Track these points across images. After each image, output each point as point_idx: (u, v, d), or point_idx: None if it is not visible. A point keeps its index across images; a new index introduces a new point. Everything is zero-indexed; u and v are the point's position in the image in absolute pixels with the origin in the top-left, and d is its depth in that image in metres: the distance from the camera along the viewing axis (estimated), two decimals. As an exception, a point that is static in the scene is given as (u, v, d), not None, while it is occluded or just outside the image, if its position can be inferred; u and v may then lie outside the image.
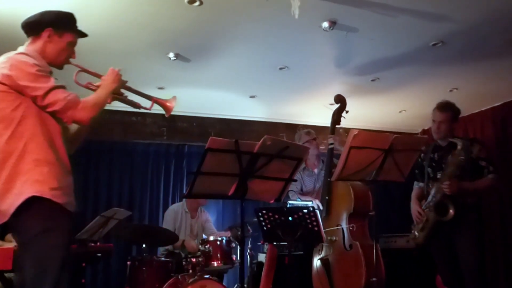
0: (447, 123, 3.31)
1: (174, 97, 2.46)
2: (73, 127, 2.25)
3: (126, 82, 2.31)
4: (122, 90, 2.33)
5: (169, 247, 4.24)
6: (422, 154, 3.38)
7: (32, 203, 1.88)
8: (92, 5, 3.16)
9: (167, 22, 3.41)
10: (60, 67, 2.20)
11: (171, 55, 3.95)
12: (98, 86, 2.20)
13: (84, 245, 3.70)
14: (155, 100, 2.41)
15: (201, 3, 3.11)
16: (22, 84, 1.94)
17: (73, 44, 2.21)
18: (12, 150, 1.93)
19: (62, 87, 2.01)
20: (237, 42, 3.78)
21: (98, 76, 2.25)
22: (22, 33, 2.19)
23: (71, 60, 2.22)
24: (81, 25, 2.26)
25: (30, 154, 1.94)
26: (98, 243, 3.98)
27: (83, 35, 2.27)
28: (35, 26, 2.14)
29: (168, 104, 2.41)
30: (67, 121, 2.03)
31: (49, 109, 1.97)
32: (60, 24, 2.16)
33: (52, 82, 1.98)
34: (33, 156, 1.94)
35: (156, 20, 3.39)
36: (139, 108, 2.42)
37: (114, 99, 2.28)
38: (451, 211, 3.10)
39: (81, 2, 3.11)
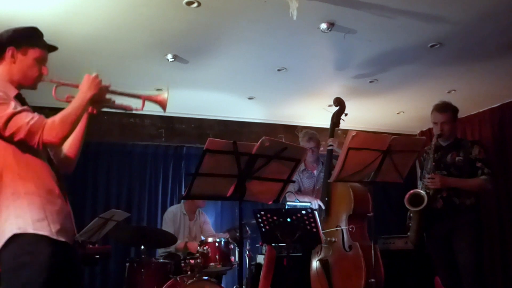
0: (449, 123, 3.33)
1: (166, 88, 2.28)
2: (61, 152, 2.10)
3: (108, 86, 2.08)
4: (108, 96, 2.12)
5: (171, 249, 4.22)
6: (425, 154, 3.40)
7: (14, 238, 1.76)
8: (89, 7, 3.15)
9: (165, 23, 3.41)
10: (33, 87, 2.02)
11: (169, 56, 3.94)
12: None
13: (82, 247, 3.69)
14: (146, 98, 2.20)
15: (199, 4, 3.11)
16: None
17: (41, 60, 2.01)
18: None
19: (24, 110, 1.82)
20: (235, 44, 3.78)
21: (76, 86, 2.03)
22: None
23: (45, 77, 2.03)
24: (78, 28, 2.19)
25: (7, 189, 1.81)
26: (96, 245, 3.97)
27: (53, 48, 2.09)
28: None
29: (160, 98, 2.21)
30: (36, 146, 1.82)
31: (15, 139, 1.79)
32: (22, 40, 1.97)
33: (11, 109, 1.78)
34: (10, 190, 1.80)
35: (154, 22, 3.39)
36: (131, 111, 2.21)
37: (100, 107, 2.10)
38: (425, 201, 3.14)
39: (78, 5, 3.11)
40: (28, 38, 1.99)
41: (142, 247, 3.73)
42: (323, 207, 3.70)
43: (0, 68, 1.96)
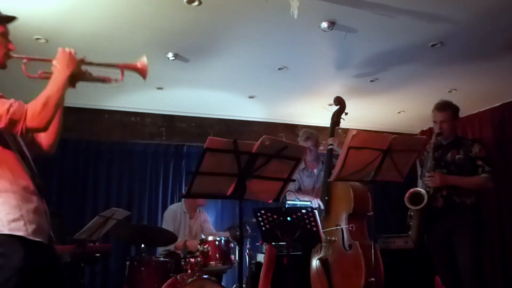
0: (448, 122, 3.33)
1: (143, 56, 2.08)
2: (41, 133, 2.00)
3: (83, 59, 1.91)
4: (84, 68, 1.96)
5: (170, 247, 4.23)
6: (425, 153, 3.40)
7: None
8: (90, 6, 3.15)
9: (165, 22, 3.41)
10: (2, 66, 1.88)
11: (170, 55, 3.94)
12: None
13: (82, 245, 3.70)
14: (124, 66, 2.02)
15: (200, 3, 3.10)
16: None
17: (4, 34, 1.87)
18: None
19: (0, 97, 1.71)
20: (236, 42, 3.78)
21: (49, 61, 1.88)
22: (20, 33, 2.09)
23: (12, 53, 1.89)
24: (79, 27, 2.12)
25: None
26: (97, 243, 3.98)
27: (11, 19, 1.92)
28: None
29: (139, 65, 2.04)
30: (20, 134, 1.73)
31: None
32: None
33: None
34: None
35: (155, 20, 3.38)
36: (110, 82, 2.02)
37: (76, 82, 1.93)
38: (425, 200, 3.14)
39: (78, 3, 3.11)
40: None
41: (143, 245, 3.74)
42: (322, 207, 3.70)
43: None
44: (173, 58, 3.98)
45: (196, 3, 3.10)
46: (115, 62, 2.01)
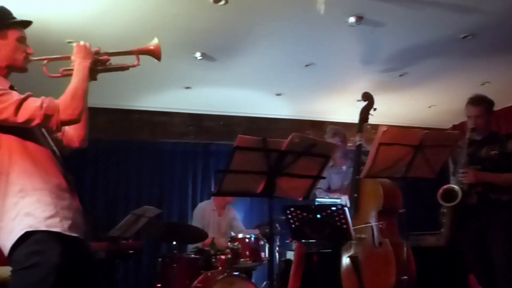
0: (483, 117, 3.24)
1: (154, 38, 2.13)
2: (70, 129, 2.05)
3: (99, 50, 1.98)
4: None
5: (199, 244, 4.28)
6: (458, 149, 3.32)
7: (26, 237, 1.71)
8: (119, 8, 3.23)
9: (192, 22, 3.44)
10: (23, 69, 1.93)
11: (198, 54, 3.99)
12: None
13: (116, 243, 3.78)
14: (138, 51, 2.07)
15: (226, 2, 3.12)
16: None
17: (23, 39, 1.91)
18: None
19: (30, 96, 1.76)
20: (263, 40, 3.78)
21: (68, 58, 1.94)
22: (53, 37, 2.13)
23: (31, 57, 1.93)
24: (107, 29, 2.15)
25: (14, 186, 1.75)
26: (130, 240, 4.06)
27: (27, 23, 1.94)
28: None
29: (151, 47, 2.09)
30: (55, 129, 1.79)
31: (31, 125, 1.74)
32: None
33: (16, 96, 1.74)
34: (18, 187, 1.75)
35: (182, 21, 3.43)
36: (127, 69, 2.07)
37: (97, 73, 1.99)
38: (458, 197, 3.07)
39: (106, 6, 3.18)
40: (2, 20, 1.87)
41: (174, 242, 3.79)
42: (348, 205, 3.66)
43: None
44: (201, 57, 4.02)
45: (222, 2, 3.12)
46: (129, 49, 2.06)
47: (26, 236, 1.70)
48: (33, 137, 1.83)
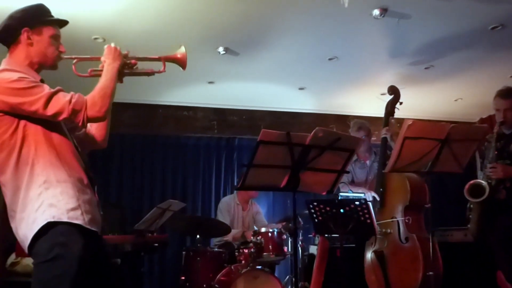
0: None
1: (180, 46, 2.17)
2: (92, 127, 2.09)
3: (127, 53, 2.03)
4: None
5: (228, 237, 4.30)
6: (486, 143, 3.25)
7: (48, 228, 1.71)
8: (143, 5, 3.26)
9: (216, 16, 3.46)
10: (54, 67, 1.97)
11: (221, 49, 4.00)
12: (102, 69, 1.95)
13: (142, 236, 3.84)
14: (165, 58, 2.12)
15: (249, -4, 3.12)
16: (15, 102, 1.73)
17: (57, 37, 1.94)
18: (21, 178, 1.77)
19: (60, 90, 1.79)
20: (286, 34, 3.77)
21: (97, 59, 1.99)
22: (80, 34, 2.13)
23: (63, 54, 1.97)
24: (132, 26, 2.17)
25: (38, 177, 1.76)
26: (155, 234, 4.13)
27: (64, 23, 2.00)
28: (8, 32, 1.87)
29: (178, 55, 2.14)
30: (81, 124, 1.82)
31: (59, 118, 1.78)
32: (34, 19, 1.89)
33: (47, 89, 1.77)
34: (42, 178, 1.76)
35: (205, 16, 3.44)
36: (153, 74, 2.11)
37: (124, 75, 2.03)
38: (486, 192, 3.01)
39: (131, 3, 3.22)
40: (39, 16, 1.91)
41: (198, 236, 3.84)
42: (377, 198, 3.63)
43: (17, 55, 1.88)
44: (224, 52, 4.03)
45: (245, -4, 3.12)
46: (157, 56, 2.11)
47: (49, 227, 1.72)
48: (58, 131, 1.86)
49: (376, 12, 3.32)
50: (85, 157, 1.99)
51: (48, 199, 1.74)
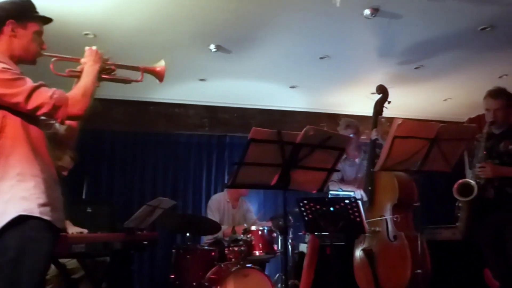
0: (502, 110, 3.19)
1: (162, 61, 2.19)
2: (61, 127, 2.07)
3: (108, 59, 2.06)
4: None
5: (218, 234, 4.30)
6: (475, 142, 3.28)
7: (17, 222, 1.70)
8: (133, 1, 3.24)
9: (208, 14, 3.45)
10: (33, 62, 1.97)
11: (212, 47, 3.99)
12: (81, 71, 1.98)
13: (132, 233, 3.82)
14: (144, 69, 2.16)
15: (242, -6, 3.12)
16: None
17: (40, 33, 1.95)
18: None
19: (43, 85, 1.80)
20: (278, 32, 3.77)
21: (77, 60, 2.02)
22: (70, 29, 2.13)
23: (43, 52, 1.98)
24: (124, 22, 2.18)
25: (12, 169, 1.74)
26: (144, 231, 4.11)
27: (48, 20, 2.00)
28: None
29: (157, 69, 2.17)
30: (60, 120, 1.83)
31: (38, 113, 1.78)
32: (21, 13, 1.90)
33: (30, 83, 1.77)
34: (16, 170, 1.74)
35: (197, 13, 3.43)
36: (130, 83, 2.17)
37: (101, 80, 2.04)
38: (475, 191, 3.04)
39: (124, -2, 3.20)
40: (26, 11, 1.92)
41: (188, 234, 3.83)
42: (364, 198, 3.65)
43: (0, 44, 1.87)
44: (215, 50, 4.03)
45: (238, -6, 3.12)
46: (136, 65, 2.15)
47: (19, 220, 1.70)
48: (36, 125, 1.86)
49: (367, 12, 3.34)
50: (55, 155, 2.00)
51: (21, 192, 1.73)
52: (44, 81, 1.82)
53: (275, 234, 3.90)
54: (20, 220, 1.70)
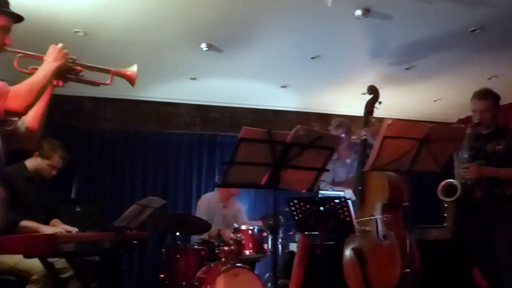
0: (489, 111, 3.21)
1: (134, 65, 2.14)
2: (22, 125, 1.98)
3: (76, 59, 2.00)
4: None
5: (204, 236, 4.30)
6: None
7: None
8: (126, -1, 3.22)
9: (199, 12, 3.44)
10: None
11: (204, 45, 3.98)
12: None
13: (121, 233, 3.80)
14: (114, 72, 2.09)
15: (233, -7, 3.11)
16: None
17: (6, 28, 1.88)
18: None
19: None
20: (270, 32, 3.77)
21: (41, 58, 1.95)
22: (60, 27, 2.09)
23: (8, 47, 1.90)
24: (115, 19, 2.13)
25: None
26: (134, 231, 4.08)
27: (19, 18, 1.92)
28: None
29: (128, 72, 2.11)
30: None
31: None
32: None
33: None
34: None
35: (189, 11, 3.42)
36: (98, 85, 2.11)
37: (67, 79, 1.99)
38: (458, 192, 3.06)
39: (116, -4, 3.18)
40: None
41: (178, 233, 3.81)
42: (353, 198, 3.67)
43: None
44: (207, 48, 4.02)
45: (229, -7, 3.11)
46: (106, 67, 2.08)
47: None
48: None
49: (359, 12, 3.35)
50: (1, 152, 1.88)
51: None
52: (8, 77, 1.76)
53: (265, 234, 3.91)
54: None
